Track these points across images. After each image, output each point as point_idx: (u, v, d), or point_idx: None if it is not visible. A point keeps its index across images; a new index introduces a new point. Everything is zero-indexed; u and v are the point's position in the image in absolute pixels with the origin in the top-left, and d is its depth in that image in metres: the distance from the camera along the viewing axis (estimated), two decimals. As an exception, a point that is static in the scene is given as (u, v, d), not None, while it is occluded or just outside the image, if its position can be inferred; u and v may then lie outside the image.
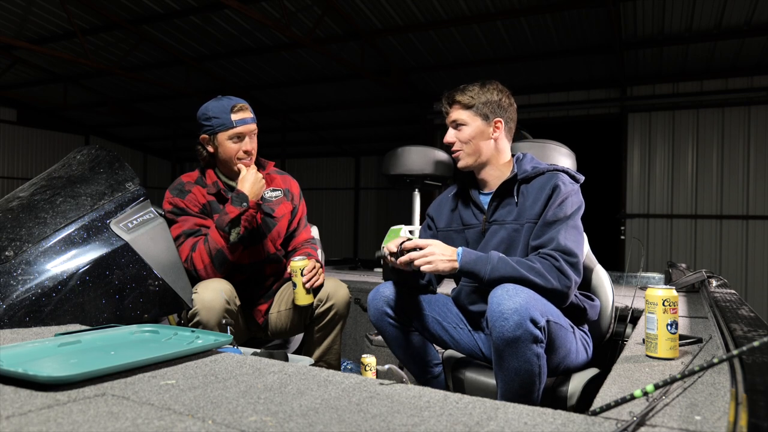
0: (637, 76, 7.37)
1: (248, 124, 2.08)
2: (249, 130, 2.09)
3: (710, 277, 2.49)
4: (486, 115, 1.78)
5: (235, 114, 2.05)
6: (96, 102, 10.42)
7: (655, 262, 7.31)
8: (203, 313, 1.90)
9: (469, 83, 1.82)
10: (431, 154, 3.52)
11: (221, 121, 2.05)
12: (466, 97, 1.78)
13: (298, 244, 2.33)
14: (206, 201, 2.11)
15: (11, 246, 1.60)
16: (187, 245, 2.04)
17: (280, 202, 2.26)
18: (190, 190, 2.11)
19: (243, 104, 2.09)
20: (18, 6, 6.77)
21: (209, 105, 2.09)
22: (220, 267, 2.02)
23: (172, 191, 2.11)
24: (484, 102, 1.78)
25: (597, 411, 0.87)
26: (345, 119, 10.22)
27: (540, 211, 1.70)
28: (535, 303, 1.44)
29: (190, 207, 2.08)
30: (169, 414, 0.86)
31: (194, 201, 2.09)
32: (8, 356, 1.14)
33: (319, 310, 2.14)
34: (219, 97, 2.11)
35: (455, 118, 1.81)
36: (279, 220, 2.23)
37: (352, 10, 6.30)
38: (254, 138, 2.12)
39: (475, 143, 1.79)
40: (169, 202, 2.09)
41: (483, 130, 1.79)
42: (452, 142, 1.82)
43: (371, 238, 11.54)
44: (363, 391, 1.01)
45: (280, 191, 2.28)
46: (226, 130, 2.05)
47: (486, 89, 1.79)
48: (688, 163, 7.41)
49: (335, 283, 2.17)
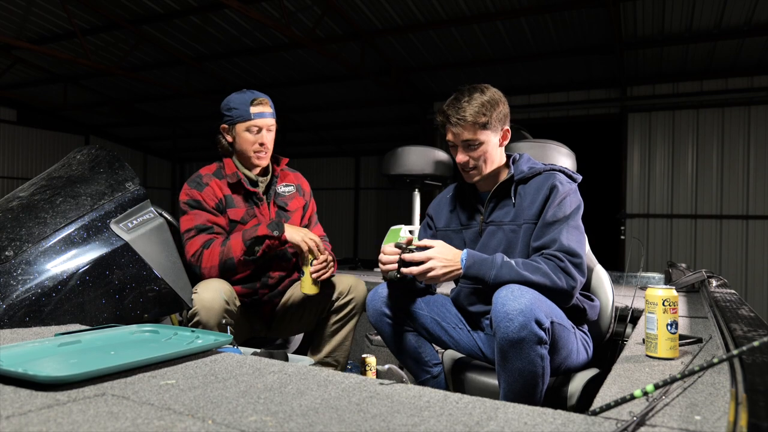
0: (637, 76, 7.37)
1: (266, 118, 2.14)
2: (266, 124, 2.14)
3: (710, 277, 2.49)
4: (498, 128, 1.75)
5: (254, 107, 2.12)
6: (96, 102, 10.42)
7: (655, 262, 7.31)
8: (203, 313, 1.90)
9: (466, 95, 1.71)
10: (431, 154, 3.52)
11: (240, 112, 2.12)
12: (482, 117, 1.68)
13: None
14: (223, 195, 2.14)
15: (11, 246, 1.60)
16: (198, 240, 2.05)
17: (293, 197, 2.30)
18: (208, 183, 2.14)
19: (264, 99, 2.16)
20: (18, 6, 6.76)
21: (232, 96, 2.17)
22: (224, 274, 2.03)
23: (189, 183, 2.15)
24: (496, 117, 1.71)
25: (597, 411, 0.87)
26: (345, 119, 10.22)
27: (538, 212, 1.69)
28: (540, 304, 1.44)
29: (207, 201, 2.11)
30: (169, 414, 0.86)
31: (211, 195, 2.12)
32: (8, 356, 1.14)
33: (339, 303, 2.20)
34: (243, 90, 2.19)
35: (468, 139, 1.71)
36: (292, 214, 2.27)
37: (352, 10, 6.30)
38: (271, 133, 2.18)
39: (489, 157, 1.75)
40: (186, 194, 2.12)
41: (495, 143, 1.76)
42: (466, 162, 1.75)
43: (371, 238, 11.54)
44: (363, 391, 1.01)
45: (293, 186, 2.32)
46: (243, 121, 2.12)
47: (492, 100, 1.70)
48: (688, 163, 7.41)
49: (355, 280, 2.24)
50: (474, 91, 1.72)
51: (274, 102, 2.23)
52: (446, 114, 1.73)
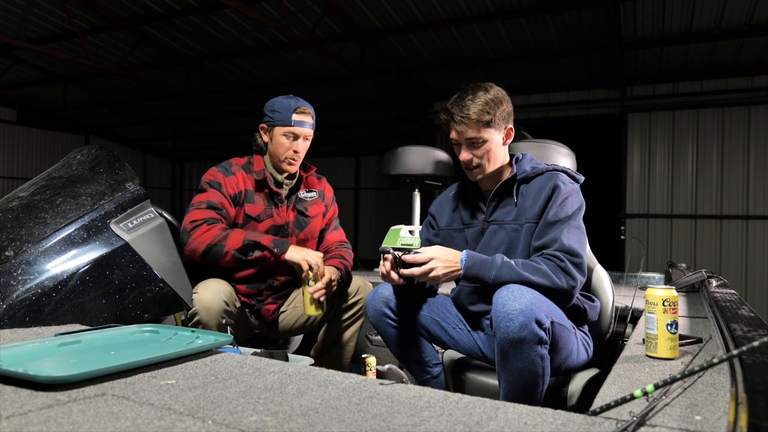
0: (637, 76, 7.37)
1: (305, 127, 2.19)
2: (303, 133, 2.19)
3: (710, 277, 2.49)
4: (501, 126, 1.75)
5: (296, 115, 2.16)
6: (96, 102, 10.41)
7: (655, 262, 7.31)
8: (203, 313, 1.90)
9: (470, 93, 1.72)
10: (431, 154, 3.51)
11: (282, 116, 2.16)
12: (486, 115, 1.68)
13: (331, 246, 2.34)
14: (244, 188, 2.17)
15: (11, 246, 1.60)
16: (205, 213, 2.07)
17: (315, 203, 2.32)
18: (235, 172, 2.18)
19: (307, 108, 2.20)
20: (18, 6, 6.76)
21: (277, 99, 2.21)
22: (206, 257, 2.01)
23: (218, 167, 2.19)
24: (500, 115, 1.71)
25: (597, 411, 0.87)
26: (345, 119, 10.21)
27: (540, 211, 1.69)
28: (540, 304, 1.44)
29: (227, 187, 2.14)
30: (169, 414, 0.86)
31: (234, 184, 2.15)
32: (8, 356, 1.14)
33: (346, 304, 2.22)
34: (290, 95, 2.24)
35: (473, 137, 1.71)
36: (312, 220, 2.29)
37: (352, 10, 6.30)
38: (307, 142, 2.22)
39: (493, 155, 1.75)
40: (211, 174, 2.16)
41: (499, 141, 1.76)
42: (470, 160, 1.75)
43: (371, 238, 11.55)
44: (363, 391, 1.01)
45: (316, 193, 2.33)
46: (283, 126, 2.16)
47: (496, 99, 1.71)
48: (688, 163, 7.41)
49: (363, 281, 2.26)
50: (478, 90, 1.72)
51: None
52: (450, 112, 1.73)
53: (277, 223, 2.19)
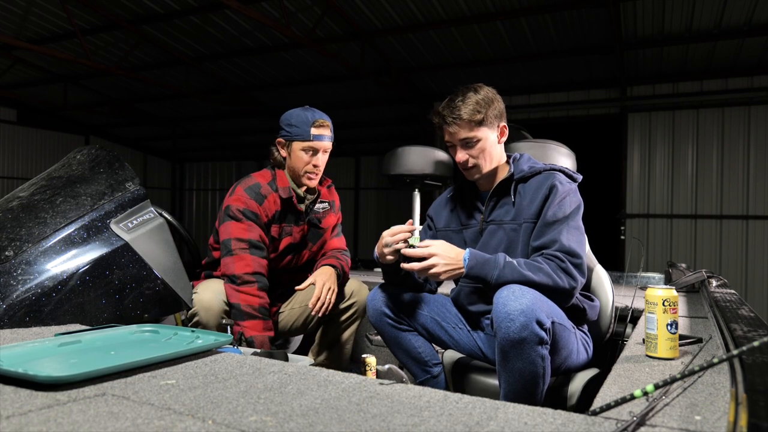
0: (637, 76, 7.37)
1: (324, 141, 2.12)
2: (323, 147, 2.12)
3: (710, 277, 2.49)
4: (494, 124, 1.76)
5: (315, 128, 2.09)
6: (96, 102, 10.41)
7: (655, 262, 7.31)
8: (203, 313, 1.90)
9: (460, 95, 1.73)
10: (431, 154, 3.51)
11: (300, 131, 2.09)
12: (477, 114, 1.70)
13: (329, 250, 2.34)
14: (275, 211, 2.12)
15: (11, 246, 1.60)
16: (253, 262, 2.01)
17: (327, 213, 2.30)
18: (266, 195, 2.10)
19: (325, 121, 2.13)
20: (18, 6, 6.76)
21: (294, 112, 2.13)
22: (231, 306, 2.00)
23: (247, 191, 2.09)
24: (491, 113, 1.73)
25: (597, 411, 0.87)
26: (345, 119, 10.21)
27: (537, 211, 1.69)
28: (541, 304, 1.44)
29: (263, 216, 2.08)
30: (169, 414, 0.86)
31: (268, 210, 2.09)
32: (8, 356, 1.14)
33: (341, 307, 2.21)
34: (306, 107, 2.15)
35: (466, 137, 1.72)
36: (325, 232, 2.29)
37: (352, 10, 6.30)
38: (326, 155, 2.16)
39: (488, 154, 1.76)
40: (243, 202, 2.06)
41: (493, 140, 1.77)
42: (465, 160, 1.76)
43: (371, 238, 11.54)
44: (363, 391, 1.01)
45: (327, 203, 2.31)
46: (302, 141, 2.09)
47: (486, 98, 1.72)
48: (688, 163, 7.41)
49: (358, 284, 2.26)
50: (468, 91, 1.74)
51: (275, 102, 2.24)
52: (442, 115, 1.74)
53: (294, 241, 2.18)
